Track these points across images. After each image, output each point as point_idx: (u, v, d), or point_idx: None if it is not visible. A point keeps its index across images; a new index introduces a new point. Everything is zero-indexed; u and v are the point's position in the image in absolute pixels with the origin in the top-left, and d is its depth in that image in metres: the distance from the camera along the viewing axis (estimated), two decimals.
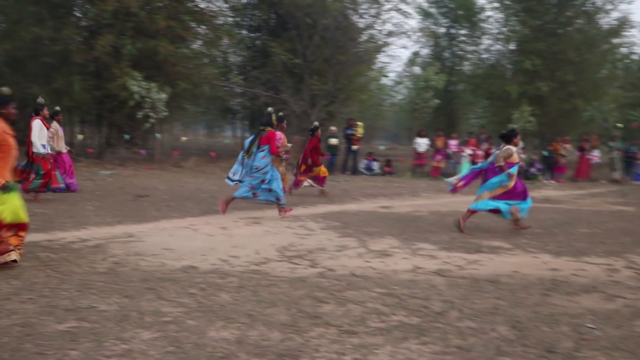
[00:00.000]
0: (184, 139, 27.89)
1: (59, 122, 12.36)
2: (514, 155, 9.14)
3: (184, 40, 22.35)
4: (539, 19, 26.63)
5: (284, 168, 11.99)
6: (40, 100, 11.22)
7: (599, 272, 6.67)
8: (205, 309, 4.83)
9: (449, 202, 13.41)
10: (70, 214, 9.52)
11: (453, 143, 21.93)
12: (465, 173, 9.73)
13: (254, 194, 10.09)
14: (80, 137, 22.61)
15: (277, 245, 7.64)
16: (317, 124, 14.03)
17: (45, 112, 11.25)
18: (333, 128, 22.36)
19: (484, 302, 5.30)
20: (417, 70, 32.55)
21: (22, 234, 6.01)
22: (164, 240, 7.73)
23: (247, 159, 10.17)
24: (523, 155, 21.95)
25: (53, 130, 11.76)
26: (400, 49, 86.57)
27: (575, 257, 7.46)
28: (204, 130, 46.99)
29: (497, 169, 9.17)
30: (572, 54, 26.59)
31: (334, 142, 21.49)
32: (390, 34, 25.29)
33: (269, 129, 10.16)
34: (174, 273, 6.01)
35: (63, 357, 3.78)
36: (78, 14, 22.43)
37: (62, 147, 12.19)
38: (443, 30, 33.98)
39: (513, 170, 9.13)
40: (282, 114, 10.75)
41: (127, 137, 21.65)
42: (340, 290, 5.52)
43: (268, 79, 23.81)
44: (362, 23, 25.61)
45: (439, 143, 21.68)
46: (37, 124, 10.84)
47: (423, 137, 21.81)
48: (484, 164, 9.55)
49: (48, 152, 11.01)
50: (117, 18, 19.93)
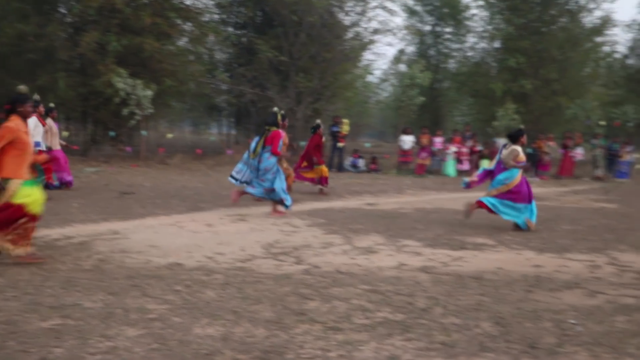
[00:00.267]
0: (170, 136, 27.81)
1: (54, 118, 12.32)
2: (521, 155, 9.37)
3: (170, 37, 22.27)
4: (524, 17, 26.77)
5: (288, 165, 12.02)
6: (36, 97, 11.13)
7: (582, 268, 6.74)
8: (191, 306, 4.83)
9: (434, 199, 13.50)
10: (55, 211, 9.45)
11: (438, 140, 21.97)
12: (479, 172, 9.97)
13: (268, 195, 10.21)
14: (65, 134, 22.39)
15: (262, 242, 7.65)
16: (319, 122, 14.01)
17: (41, 109, 11.20)
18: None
19: (468, 298, 5.34)
20: (402, 68, 32.71)
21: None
22: (150, 238, 7.71)
23: (252, 160, 10.17)
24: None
25: (47, 127, 11.70)
26: (386, 47, 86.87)
27: (558, 253, 7.53)
28: (190, 128, 46.74)
29: (502, 167, 9.42)
30: (555, 52, 26.78)
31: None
32: (376, 32, 25.39)
33: (275, 129, 10.17)
34: (159, 270, 6.01)
35: (47, 354, 3.77)
36: (63, 11, 22.29)
37: (55, 144, 12.13)
38: (428, 28, 34.09)
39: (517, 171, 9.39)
40: (283, 112, 10.73)
41: (112, 134, 21.54)
42: (326, 287, 5.54)
43: (254, 76, 23.76)
44: (347, 20, 25.70)
45: (424, 140, 21.72)
46: (32, 121, 10.77)
47: (408, 134, 21.83)
48: (493, 167, 9.70)
49: (42, 149, 10.95)
50: (102, 14, 19.82)
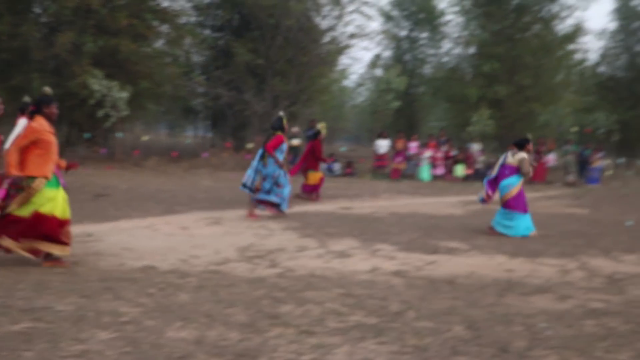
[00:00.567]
0: (145, 138, 27.53)
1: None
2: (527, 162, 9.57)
3: (146, 39, 22.07)
4: (498, 24, 27.09)
5: (287, 167, 12.03)
6: (27, 99, 11.00)
7: (553, 273, 6.82)
8: (164, 309, 4.81)
9: (408, 203, 13.57)
10: None
11: (413, 145, 22.11)
12: (485, 185, 9.93)
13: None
14: None
15: (237, 246, 7.64)
16: (319, 128, 13.92)
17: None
18: (295, 129, 22.37)
19: (441, 302, 5.38)
20: (378, 73, 32.77)
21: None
22: (124, 240, 7.67)
23: (260, 166, 10.17)
24: (482, 158, 22.36)
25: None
26: (362, 51, 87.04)
27: (530, 258, 7.61)
28: (166, 130, 46.38)
29: (506, 172, 9.54)
30: (529, 59, 27.13)
31: (296, 143, 21.48)
32: (352, 36, 25.49)
33: (279, 133, 10.16)
34: (133, 273, 5.98)
35: (17, 358, 3.73)
36: (38, 10, 22.00)
37: None
38: (404, 33, 34.30)
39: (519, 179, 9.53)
40: (282, 115, 10.73)
41: (87, 135, 21.31)
42: (300, 291, 5.55)
43: (231, 79, 23.71)
44: (324, 25, 25.73)
45: (400, 145, 21.85)
46: (21, 123, 10.60)
47: (384, 138, 21.94)
48: (494, 175, 9.80)
49: None
50: (78, 15, 19.60)
